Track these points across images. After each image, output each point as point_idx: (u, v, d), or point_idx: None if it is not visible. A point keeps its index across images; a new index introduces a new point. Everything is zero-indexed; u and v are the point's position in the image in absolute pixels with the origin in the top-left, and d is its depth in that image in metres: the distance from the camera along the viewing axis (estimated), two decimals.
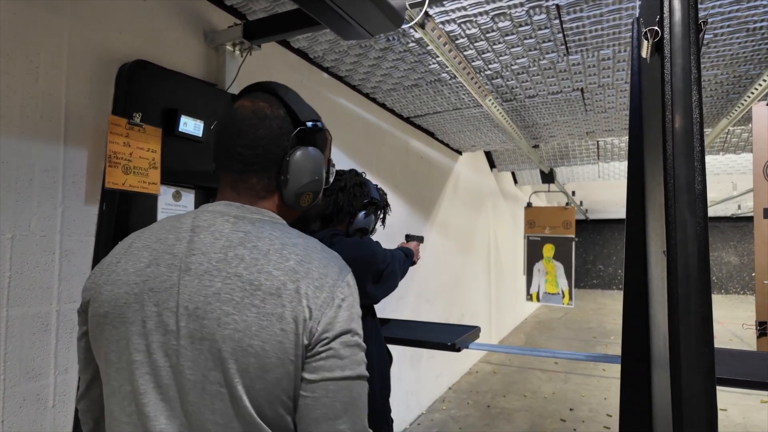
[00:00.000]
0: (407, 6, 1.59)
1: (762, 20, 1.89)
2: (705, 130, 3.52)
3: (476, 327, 1.91)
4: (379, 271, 1.46)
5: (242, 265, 0.66)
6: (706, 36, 2.04)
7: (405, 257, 1.67)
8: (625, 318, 1.17)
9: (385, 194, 1.65)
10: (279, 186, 0.77)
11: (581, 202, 9.85)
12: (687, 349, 0.74)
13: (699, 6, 1.82)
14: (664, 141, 0.78)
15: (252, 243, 0.68)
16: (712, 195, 8.37)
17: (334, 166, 0.91)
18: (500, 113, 3.02)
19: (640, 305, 1.17)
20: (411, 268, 1.75)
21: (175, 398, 0.65)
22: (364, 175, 1.62)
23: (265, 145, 0.74)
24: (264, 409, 0.64)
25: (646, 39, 0.81)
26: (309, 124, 0.78)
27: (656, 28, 0.80)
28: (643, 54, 0.86)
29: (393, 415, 1.61)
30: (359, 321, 0.70)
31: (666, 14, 0.78)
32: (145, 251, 0.71)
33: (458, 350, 1.71)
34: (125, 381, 0.67)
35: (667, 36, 0.78)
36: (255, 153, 0.74)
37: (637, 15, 1.24)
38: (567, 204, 5.40)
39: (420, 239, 1.88)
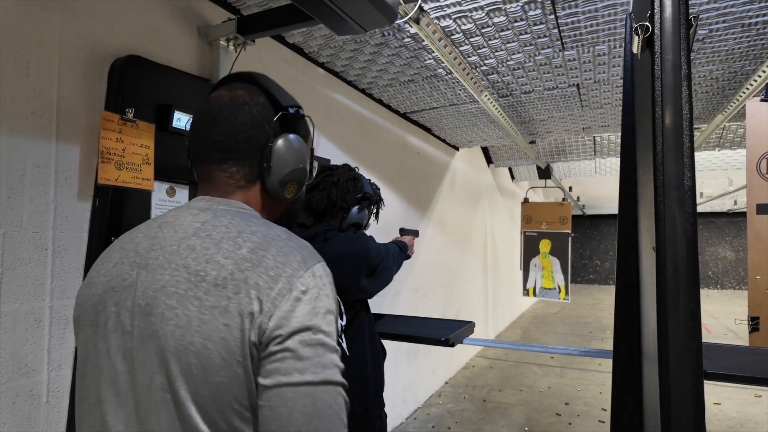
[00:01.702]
0: (401, 1, 1.58)
1: (757, 16, 1.89)
2: (701, 125, 3.54)
3: (470, 322, 1.91)
4: (373, 266, 1.47)
5: (192, 255, 0.61)
6: (701, 31, 2.04)
7: (399, 251, 1.67)
8: (617, 314, 1.18)
9: (379, 189, 1.65)
10: (262, 174, 0.73)
11: (578, 198, 9.87)
12: (675, 344, 0.75)
13: (694, 1, 1.82)
14: (654, 137, 0.79)
15: (207, 232, 0.63)
16: (708, 190, 8.39)
17: (315, 160, 0.86)
18: (496, 109, 3.02)
19: (632, 301, 1.18)
20: (407, 263, 1.75)
21: (130, 406, 0.60)
22: (357, 170, 1.61)
23: (245, 131, 0.70)
24: (215, 419, 0.56)
25: (637, 34, 0.81)
26: (291, 110, 0.74)
27: (647, 23, 0.80)
28: (634, 50, 0.86)
29: (388, 409, 1.62)
30: (327, 317, 0.60)
31: (657, 10, 0.78)
32: (117, 252, 0.69)
33: (452, 345, 1.72)
34: (91, 388, 0.64)
35: (657, 32, 0.78)
36: (235, 140, 0.70)
37: (630, 10, 1.23)
38: (564, 199, 5.40)
39: (415, 233, 1.88)
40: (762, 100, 1.63)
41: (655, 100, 0.78)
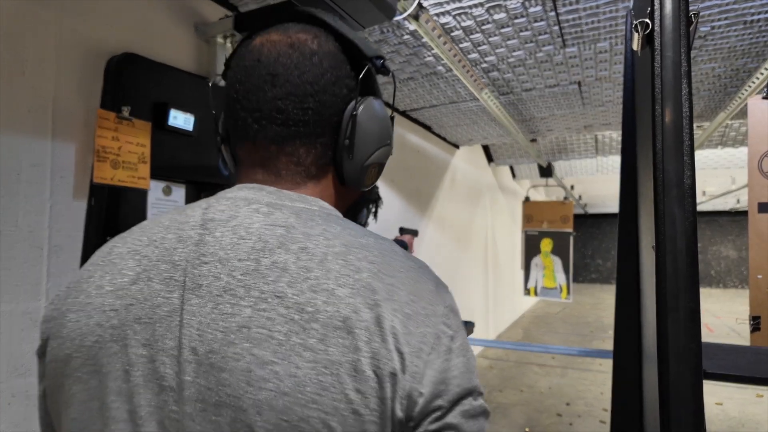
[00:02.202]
0: None
1: (759, 13, 1.87)
2: (703, 123, 3.51)
3: (470, 322, 1.90)
4: None
5: (285, 278, 0.41)
6: (703, 29, 2.02)
7: None
8: (617, 313, 1.17)
9: (377, 188, 1.64)
10: (338, 157, 0.52)
11: (580, 197, 9.85)
12: (675, 344, 0.74)
13: None
14: (654, 135, 0.77)
15: (299, 243, 0.43)
16: (710, 189, 8.36)
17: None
18: (497, 107, 3.00)
19: (632, 301, 1.17)
20: None
21: None
22: None
23: (317, 94, 0.49)
24: None
25: (637, 31, 0.80)
26: (378, 61, 0.53)
27: (647, 20, 0.79)
28: (634, 46, 0.85)
29: None
30: (476, 369, 0.44)
31: (657, 6, 0.77)
32: (130, 259, 0.46)
33: None
34: None
35: (657, 28, 0.77)
36: (304, 108, 0.48)
37: (631, 7, 1.22)
38: (565, 198, 5.39)
39: (414, 233, 1.87)
40: (764, 98, 1.62)
41: (654, 97, 0.77)
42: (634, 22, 0.81)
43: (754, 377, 1.16)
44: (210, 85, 1.69)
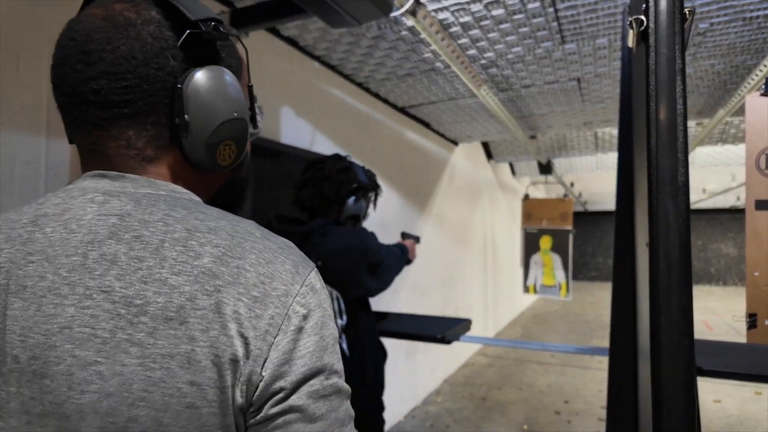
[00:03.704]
0: None
1: (758, 9, 1.86)
2: (703, 120, 3.50)
3: (467, 320, 1.90)
4: (374, 262, 1.43)
5: (113, 271, 0.39)
6: (702, 25, 2.02)
7: (401, 254, 1.63)
8: (613, 310, 1.17)
9: (374, 175, 1.60)
10: (175, 135, 0.47)
11: (580, 194, 9.84)
12: (667, 341, 0.74)
13: None
14: (648, 132, 0.77)
15: (133, 232, 0.40)
16: (711, 186, 8.35)
17: (260, 107, 0.59)
18: (495, 103, 2.99)
19: (628, 297, 1.16)
20: None
21: None
22: (349, 158, 1.56)
23: (135, 69, 0.44)
24: None
25: (632, 28, 0.80)
26: (205, 25, 0.47)
27: (641, 17, 0.78)
28: (629, 44, 0.85)
29: (387, 407, 1.60)
30: (335, 348, 0.43)
31: (651, 3, 0.76)
32: None
33: (448, 342, 1.71)
34: None
35: (652, 25, 0.77)
36: (123, 86, 0.44)
37: (627, 3, 1.21)
38: (565, 196, 5.38)
39: (416, 239, 1.86)
40: (762, 95, 1.61)
41: (649, 94, 0.77)
42: (629, 19, 0.80)
43: (749, 374, 1.16)
44: None
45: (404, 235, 1.83)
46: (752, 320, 1.50)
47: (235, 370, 0.37)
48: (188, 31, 0.46)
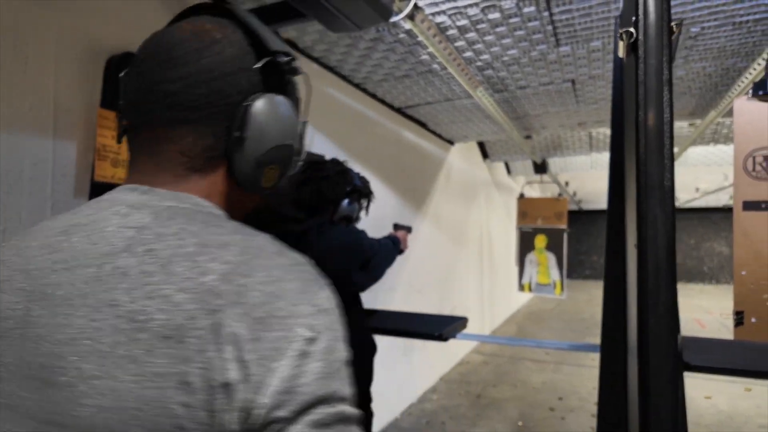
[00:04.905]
0: None
1: (748, 14, 1.91)
2: (695, 121, 3.56)
3: (464, 318, 1.94)
4: (366, 259, 1.49)
5: (124, 284, 0.39)
6: (693, 29, 2.06)
7: (392, 246, 1.70)
8: (604, 308, 1.21)
9: (368, 182, 1.67)
10: (230, 149, 0.49)
11: (575, 193, 9.91)
12: (654, 338, 0.78)
13: (685, 0, 1.84)
14: (637, 139, 0.81)
15: (146, 245, 0.41)
16: (703, 185, 8.44)
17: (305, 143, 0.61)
18: (491, 104, 3.03)
19: (619, 297, 1.21)
20: (401, 259, 1.78)
21: None
22: (346, 163, 1.63)
23: (211, 81, 0.47)
24: None
25: (622, 40, 0.84)
26: (281, 57, 0.52)
27: (631, 29, 0.82)
28: (620, 54, 0.88)
29: (383, 404, 1.65)
30: (344, 370, 0.40)
31: (641, 17, 0.80)
32: None
33: (445, 340, 1.75)
34: None
35: (641, 38, 0.80)
36: (196, 93, 0.47)
37: (619, 14, 1.25)
38: (560, 195, 5.44)
39: (408, 229, 1.90)
40: (749, 99, 1.66)
41: (638, 103, 0.80)
42: (620, 31, 0.84)
43: (734, 369, 1.20)
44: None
45: (396, 227, 1.88)
46: (739, 318, 1.55)
47: (228, 394, 0.35)
48: (267, 59, 0.51)
